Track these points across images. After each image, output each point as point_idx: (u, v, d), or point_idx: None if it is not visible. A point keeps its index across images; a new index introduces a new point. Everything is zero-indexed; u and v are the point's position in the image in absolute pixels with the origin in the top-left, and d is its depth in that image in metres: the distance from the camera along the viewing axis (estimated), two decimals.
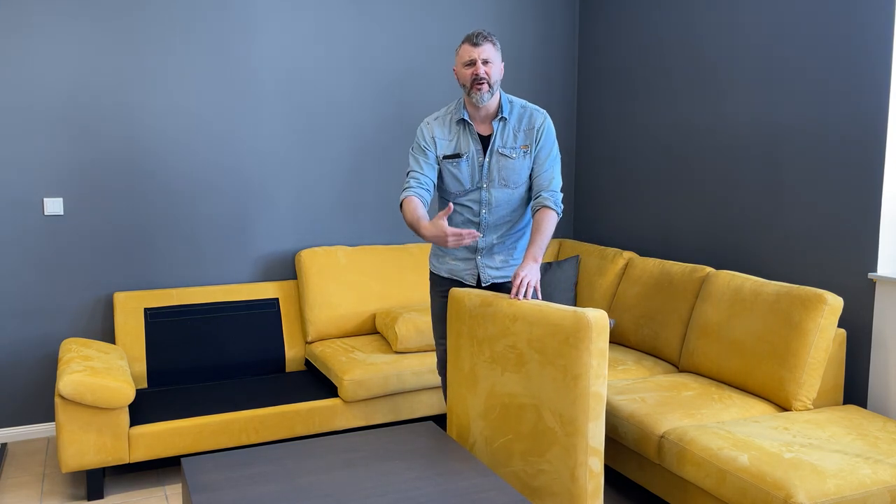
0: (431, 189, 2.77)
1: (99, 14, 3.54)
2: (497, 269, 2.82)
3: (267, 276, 4.01)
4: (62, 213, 3.57)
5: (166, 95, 3.70)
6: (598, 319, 2.34)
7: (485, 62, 2.65)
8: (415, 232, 2.61)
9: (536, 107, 2.79)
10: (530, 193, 2.80)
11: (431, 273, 2.95)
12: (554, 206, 2.67)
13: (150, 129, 3.69)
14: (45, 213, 3.54)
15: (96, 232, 3.64)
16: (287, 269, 4.05)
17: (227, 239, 3.90)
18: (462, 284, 2.86)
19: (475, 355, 2.65)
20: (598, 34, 4.44)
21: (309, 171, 4.03)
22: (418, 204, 2.66)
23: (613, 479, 3.22)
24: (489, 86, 2.65)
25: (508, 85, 4.46)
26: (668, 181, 3.97)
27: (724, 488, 2.37)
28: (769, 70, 3.36)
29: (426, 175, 2.75)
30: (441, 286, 2.91)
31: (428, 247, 4.16)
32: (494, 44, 2.68)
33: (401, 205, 2.70)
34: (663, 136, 3.98)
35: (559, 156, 2.81)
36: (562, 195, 2.75)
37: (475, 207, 2.77)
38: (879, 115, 2.91)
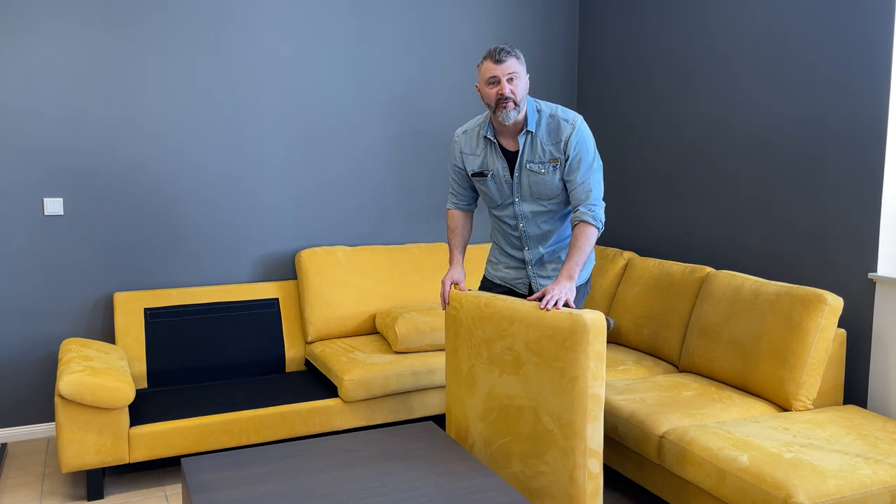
0: (472, 200, 2.87)
1: (99, 16, 3.54)
2: (549, 277, 2.77)
3: (267, 276, 4.01)
4: (62, 213, 3.57)
5: (166, 96, 3.70)
6: (594, 322, 2.32)
7: (510, 79, 2.50)
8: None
9: (567, 114, 2.61)
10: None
11: (484, 278, 2.94)
12: (592, 221, 2.57)
13: (150, 129, 3.69)
14: (45, 213, 3.54)
15: (96, 232, 3.64)
16: (287, 269, 4.05)
17: (228, 239, 3.90)
18: (514, 292, 2.85)
19: (473, 357, 2.65)
20: (598, 34, 4.44)
21: (309, 171, 4.03)
22: (458, 223, 2.86)
23: (613, 479, 3.22)
24: (515, 103, 2.51)
25: None
26: (668, 181, 3.97)
27: (724, 488, 2.37)
28: (768, 70, 3.36)
29: (463, 188, 2.85)
30: (492, 291, 2.90)
31: (429, 248, 4.17)
32: (518, 57, 2.52)
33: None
34: (662, 137, 3.98)
35: (598, 163, 2.62)
36: (603, 205, 2.62)
37: (512, 221, 2.75)
38: (880, 114, 2.91)
